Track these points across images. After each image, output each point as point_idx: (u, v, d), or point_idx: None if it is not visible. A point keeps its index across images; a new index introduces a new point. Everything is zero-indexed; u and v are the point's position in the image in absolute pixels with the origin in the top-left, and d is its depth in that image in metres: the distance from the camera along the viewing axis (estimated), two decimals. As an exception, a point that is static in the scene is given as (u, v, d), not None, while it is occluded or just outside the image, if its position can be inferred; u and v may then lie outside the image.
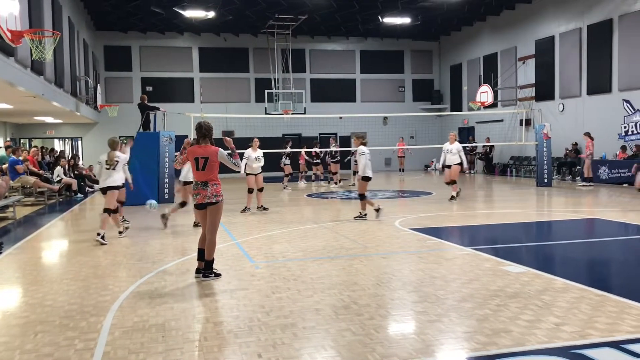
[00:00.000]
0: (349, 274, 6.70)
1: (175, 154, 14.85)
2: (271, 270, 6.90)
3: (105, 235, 9.11)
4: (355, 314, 5.06)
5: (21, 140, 26.05)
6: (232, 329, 4.76)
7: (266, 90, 26.92)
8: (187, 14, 23.08)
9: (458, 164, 14.26)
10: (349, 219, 11.41)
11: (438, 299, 5.53)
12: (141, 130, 16.07)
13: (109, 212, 9.43)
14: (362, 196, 11.34)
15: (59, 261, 8.29)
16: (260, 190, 13.07)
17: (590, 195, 15.72)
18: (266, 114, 26.02)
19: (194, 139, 7.00)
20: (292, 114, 25.32)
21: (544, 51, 23.07)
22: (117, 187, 9.63)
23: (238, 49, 29.28)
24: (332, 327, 4.72)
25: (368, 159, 11.27)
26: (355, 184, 18.30)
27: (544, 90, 23.17)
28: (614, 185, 17.98)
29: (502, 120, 25.45)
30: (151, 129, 16.43)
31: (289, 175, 20.41)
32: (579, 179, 19.20)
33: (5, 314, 5.43)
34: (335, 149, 20.88)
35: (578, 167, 19.78)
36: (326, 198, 16.58)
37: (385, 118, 28.59)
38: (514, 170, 25.06)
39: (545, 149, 18.97)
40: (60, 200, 16.73)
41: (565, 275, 6.35)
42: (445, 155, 14.46)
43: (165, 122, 17.18)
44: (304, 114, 26.51)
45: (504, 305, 5.24)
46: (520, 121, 22.63)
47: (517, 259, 7.33)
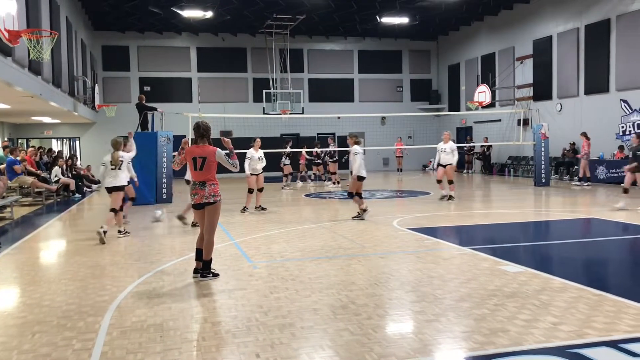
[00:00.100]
0: (347, 273, 6.70)
1: (174, 154, 14.86)
2: (269, 270, 6.90)
3: (106, 233, 9.22)
4: (353, 314, 5.07)
5: (19, 141, 25.99)
6: (230, 329, 4.76)
7: (264, 90, 26.92)
8: (185, 13, 23.07)
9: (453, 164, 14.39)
10: (347, 218, 11.42)
11: (436, 298, 5.54)
12: (139, 130, 16.05)
13: (115, 212, 9.63)
14: (351, 194, 11.47)
15: (56, 261, 8.28)
16: (260, 190, 13.06)
17: (587, 195, 15.75)
18: (264, 114, 26.03)
19: (191, 139, 7.00)
20: (290, 114, 25.30)
21: (542, 51, 23.09)
22: (123, 187, 9.88)
23: (236, 49, 29.26)
24: (330, 327, 4.72)
25: (362, 159, 11.34)
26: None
27: (541, 90, 23.20)
28: (611, 184, 18.00)
29: (500, 120, 25.47)
30: (149, 129, 16.42)
31: (289, 175, 20.37)
32: (576, 178, 19.23)
33: (2, 314, 5.42)
34: (334, 148, 20.88)
35: (576, 167, 19.81)
36: (324, 198, 16.59)
37: (383, 118, 28.59)
38: (511, 170, 25.09)
39: (543, 149, 19.00)
40: (58, 200, 16.70)
41: (562, 274, 6.37)
42: (439, 155, 14.52)
43: (163, 122, 17.18)
44: (302, 114, 26.52)
45: (502, 304, 5.24)
46: (518, 121, 22.64)
47: (515, 258, 7.33)
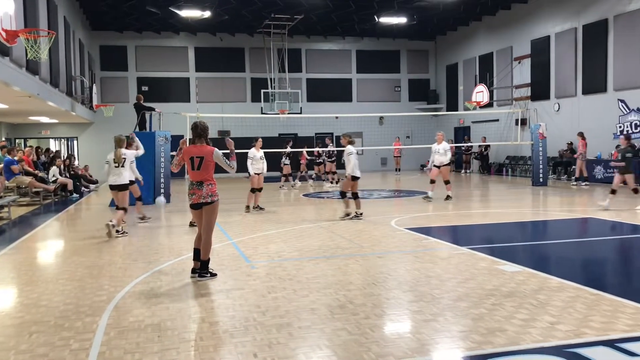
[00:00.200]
0: (345, 273, 6.70)
1: (172, 154, 14.83)
2: (267, 270, 6.90)
3: (115, 227, 9.49)
4: (351, 314, 5.07)
5: (16, 140, 25.94)
6: (228, 328, 4.76)
7: (262, 90, 26.89)
8: (183, 13, 23.04)
9: (447, 165, 14.49)
10: (345, 218, 11.41)
11: (433, 298, 5.54)
12: (137, 129, 16.02)
13: (125, 210, 9.87)
14: (344, 194, 11.51)
15: (54, 261, 8.27)
16: (260, 190, 13.07)
17: (585, 195, 15.77)
18: (262, 113, 26.00)
19: (189, 139, 6.98)
20: (288, 113, 25.30)
21: (540, 51, 23.12)
22: (127, 185, 10.02)
23: (234, 49, 29.24)
24: (328, 327, 4.72)
25: (356, 159, 11.39)
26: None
27: (539, 90, 23.22)
28: (609, 184, 17.98)
29: (498, 120, 25.50)
30: (147, 129, 16.40)
31: (288, 175, 20.34)
32: (573, 178, 19.26)
33: (0, 314, 5.42)
34: (332, 148, 20.88)
35: (573, 167, 19.84)
36: (322, 198, 16.59)
37: (381, 118, 28.59)
38: (509, 169, 25.11)
39: (540, 149, 19.02)
40: (56, 200, 16.68)
41: (560, 274, 6.37)
42: (433, 156, 14.59)
43: (161, 122, 17.16)
44: (300, 113, 26.50)
45: (500, 304, 5.25)
46: (516, 121, 22.68)
47: (513, 258, 7.34)
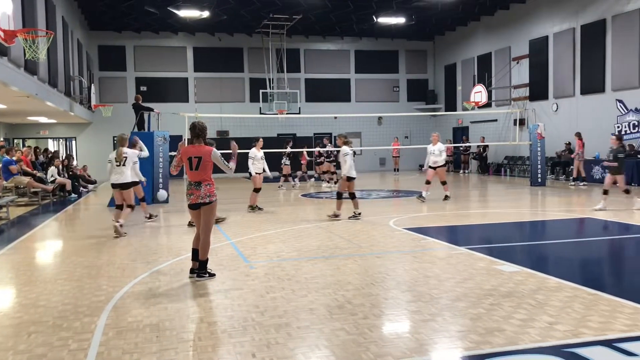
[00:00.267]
0: (343, 273, 6.70)
1: (170, 154, 14.82)
2: (265, 270, 6.90)
3: (122, 227, 9.68)
4: (350, 314, 5.07)
5: (15, 141, 25.92)
6: (227, 328, 4.76)
7: (261, 90, 26.90)
8: (182, 13, 23.02)
9: (443, 165, 14.52)
10: (343, 218, 11.42)
11: (432, 298, 5.54)
12: (135, 129, 16.02)
13: (132, 207, 9.97)
14: (340, 195, 11.52)
15: (52, 261, 8.26)
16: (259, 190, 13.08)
17: (583, 195, 15.79)
18: (261, 113, 26.00)
19: (187, 139, 6.98)
20: (287, 113, 25.30)
21: (538, 51, 23.14)
22: (129, 185, 10.07)
23: (232, 49, 29.23)
24: (326, 327, 4.72)
25: (352, 159, 11.40)
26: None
27: (537, 90, 23.25)
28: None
29: (496, 120, 25.52)
30: (145, 129, 16.39)
31: (288, 175, 20.32)
32: (571, 178, 19.29)
33: (-2, 314, 5.41)
34: (331, 148, 20.88)
35: (572, 167, 19.87)
36: (321, 198, 16.59)
37: (379, 118, 28.61)
38: (508, 170, 25.13)
39: (539, 149, 19.04)
40: (54, 200, 16.66)
41: (558, 274, 6.38)
42: (429, 157, 14.61)
43: (160, 122, 17.15)
44: (299, 113, 26.51)
45: (498, 304, 5.26)
46: (515, 121, 22.69)
47: (511, 258, 7.34)
